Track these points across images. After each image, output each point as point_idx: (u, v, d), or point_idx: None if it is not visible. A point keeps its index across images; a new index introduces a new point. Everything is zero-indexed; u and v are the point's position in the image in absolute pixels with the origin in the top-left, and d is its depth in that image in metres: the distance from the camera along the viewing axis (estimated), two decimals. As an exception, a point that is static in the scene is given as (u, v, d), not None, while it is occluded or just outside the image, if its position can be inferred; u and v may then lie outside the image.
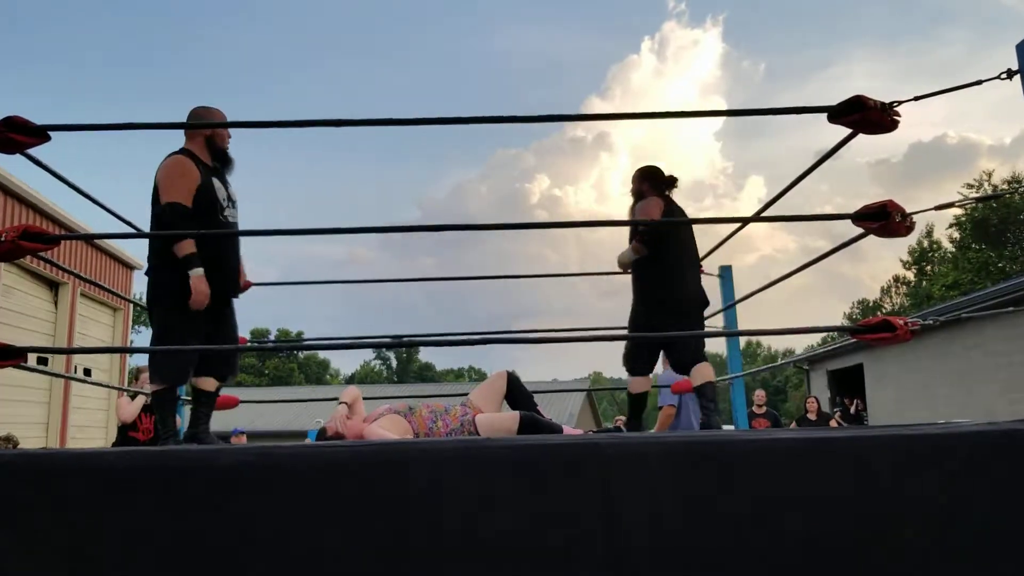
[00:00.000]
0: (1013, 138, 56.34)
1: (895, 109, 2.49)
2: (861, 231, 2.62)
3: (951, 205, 2.80)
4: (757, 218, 3.63)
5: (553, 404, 21.51)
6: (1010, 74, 2.41)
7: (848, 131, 2.66)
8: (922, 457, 1.77)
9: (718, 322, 4.83)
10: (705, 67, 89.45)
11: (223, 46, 79.97)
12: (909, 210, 2.49)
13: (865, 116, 2.50)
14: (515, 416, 3.28)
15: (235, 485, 1.75)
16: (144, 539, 1.71)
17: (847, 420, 12.33)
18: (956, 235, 30.61)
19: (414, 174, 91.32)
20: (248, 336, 4.87)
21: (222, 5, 79.03)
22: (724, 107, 35.29)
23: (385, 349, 56.47)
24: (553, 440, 2.06)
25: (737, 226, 4.21)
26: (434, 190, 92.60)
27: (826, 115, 2.56)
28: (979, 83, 2.54)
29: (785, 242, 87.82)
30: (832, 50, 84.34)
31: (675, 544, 1.72)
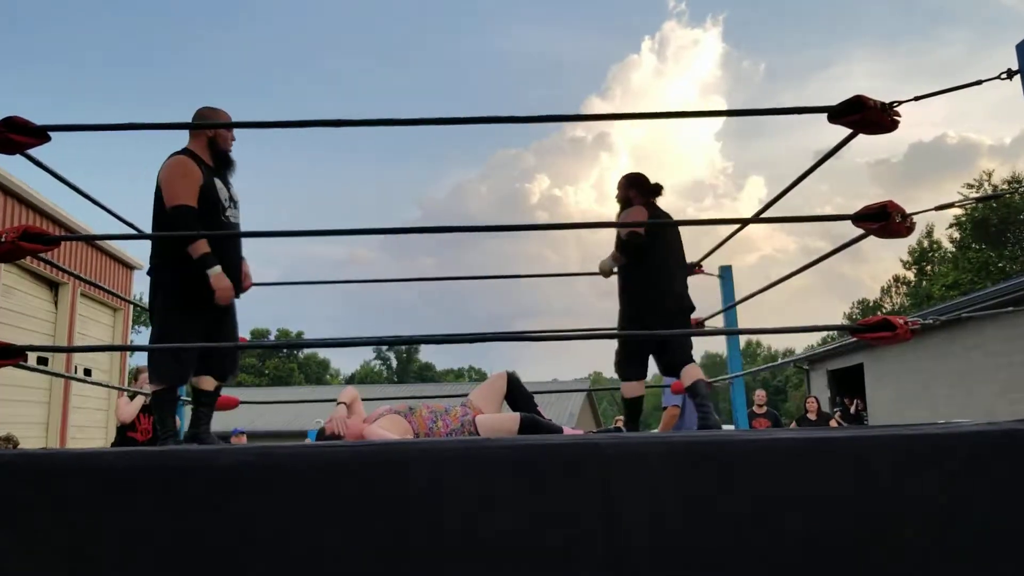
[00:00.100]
0: (1013, 138, 56.38)
1: (895, 109, 2.49)
2: (861, 232, 2.62)
3: (951, 205, 2.80)
4: (757, 219, 3.63)
5: (553, 404, 21.51)
6: (1010, 74, 2.41)
7: (848, 131, 2.66)
8: (922, 457, 1.77)
9: (718, 322, 4.83)
10: (705, 67, 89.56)
11: (223, 46, 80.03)
12: (909, 210, 2.49)
13: (865, 116, 2.50)
14: (515, 417, 3.29)
15: (235, 485, 1.75)
16: (144, 539, 1.71)
17: (847, 420, 12.33)
18: (956, 235, 30.63)
19: (414, 174, 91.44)
20: (248, 336, 4.87)
21: (222, 5, 79.10)
22: (724, 107, 35.31)
23: (385, 349, 56.49)
24: (553, 440, 2.07)
25: (737, 227, 4.21)
26: (434, 190, 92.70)
27: (826, 115, 2.57)
28: (979, 83, 2.53)
29: (785, 242, 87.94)
30: (832, 50, 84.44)
31: (675, 544, 1.72)
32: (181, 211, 3.03)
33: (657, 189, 3.95)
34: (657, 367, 4.03)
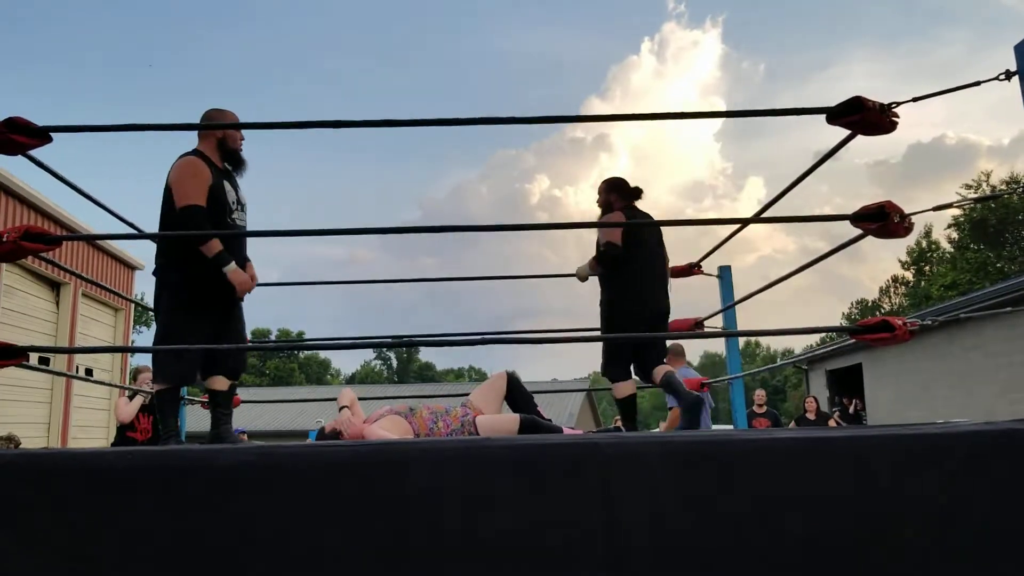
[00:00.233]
0: (1012, 139, 56.34)
1: (894, 110, 2.50)
2: (860, 232, 2.62)
3: (950, 206, 2.80)
4: (756, 219, 3.64)
5: (553, 404, 21.51)
6: (1008, 75, 2.41)
7: (847, 132, 2.67)
8: (922, 457, 1.78)
9: (717, 322, 4.84)
10: (705, 68, 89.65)
11: (223, 47, 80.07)
12: (908, 211, 2.49)
13: (864, 117, 2.50)
14: (515, 418, 3.29)
15: (235, 485, 1.75)
16: (144, 539, 1.71)
17: (846, 420, 12.32)
18: (955, 235, 30.66)
19: (414, 174, 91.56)
20: (249, 336, 4.88)
21: (222, 6, 79.10)
22: (724, 108, 35.27)
23: (385, 349, 56.46)
24: (553, 440, 2.06)
25: (736, 227, 4.22)
26: (434, 190, 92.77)
27: (825, 116, 2.57)
28: (977, 84, 2.54)
29: (784, 243, 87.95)
30: (832, 51, 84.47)
31: (675, 544, 1.72)
32: (191, 211, 3.03)
33: (637, 193, 4.01)
34: (634, 370, 4.08)
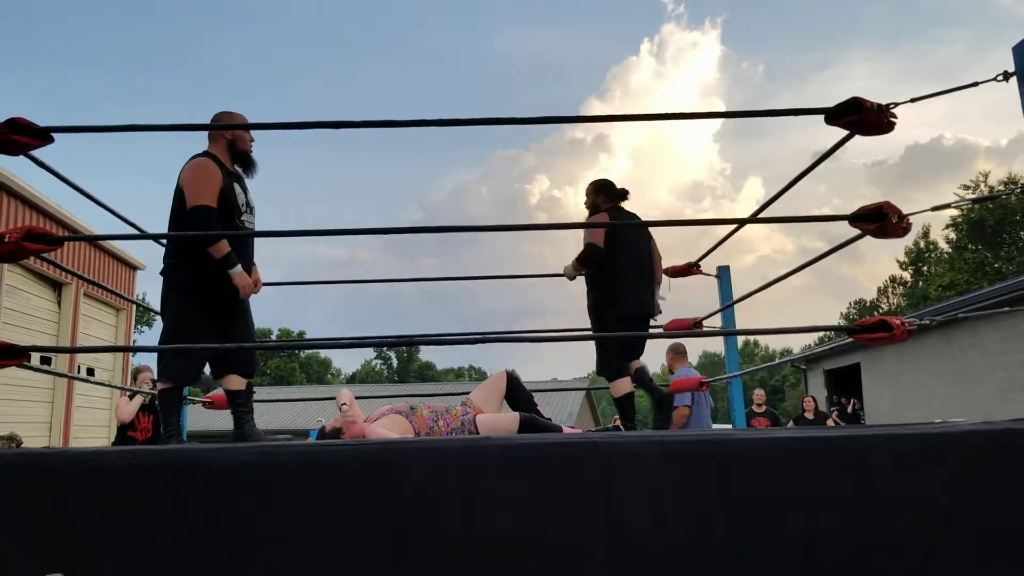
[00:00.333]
0: (1010, 139, 56.28)
1: (892, 111, 2.50)
2: (858, 232, 2.63)
3: (948, 206, 2.81)
4: (754, 219, 3.64)
5: (553, 404, 21.51)
6: (1006, 76, 2.41)
7: (846, 132, 2.67)
8: (921, 457, 1.78)
9: (716, 322, 4.84)
10: (704, 69, 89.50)
11: (223, 47, 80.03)
12: (906, 211, 2.49)
13: (862, 118, 2.51)
14: (515, 417, 3.30)
15: (235, 485, 1.76)
16: (144, 539, 1.71)
17: (844, 419, 12.33)
18: (952, 236, 30.65)
19: (415, 175, 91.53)
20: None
21: (223, 6, 79.06)
22: (723, 109, 35.26)
23: (386, 349, 56.46)
24: (553, 440, 2.07)
25: (735, 227, 4.22)
26: (435, 191, 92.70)
27: (824, 117, 2.57)
28: (975, 85, 2.54)
29: (783, 243, 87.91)
30: (831, 51, 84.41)
31: (675, 544, 1.72)
32: (202, 211, 3.04)
33: (623, 194, 4.07)
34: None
